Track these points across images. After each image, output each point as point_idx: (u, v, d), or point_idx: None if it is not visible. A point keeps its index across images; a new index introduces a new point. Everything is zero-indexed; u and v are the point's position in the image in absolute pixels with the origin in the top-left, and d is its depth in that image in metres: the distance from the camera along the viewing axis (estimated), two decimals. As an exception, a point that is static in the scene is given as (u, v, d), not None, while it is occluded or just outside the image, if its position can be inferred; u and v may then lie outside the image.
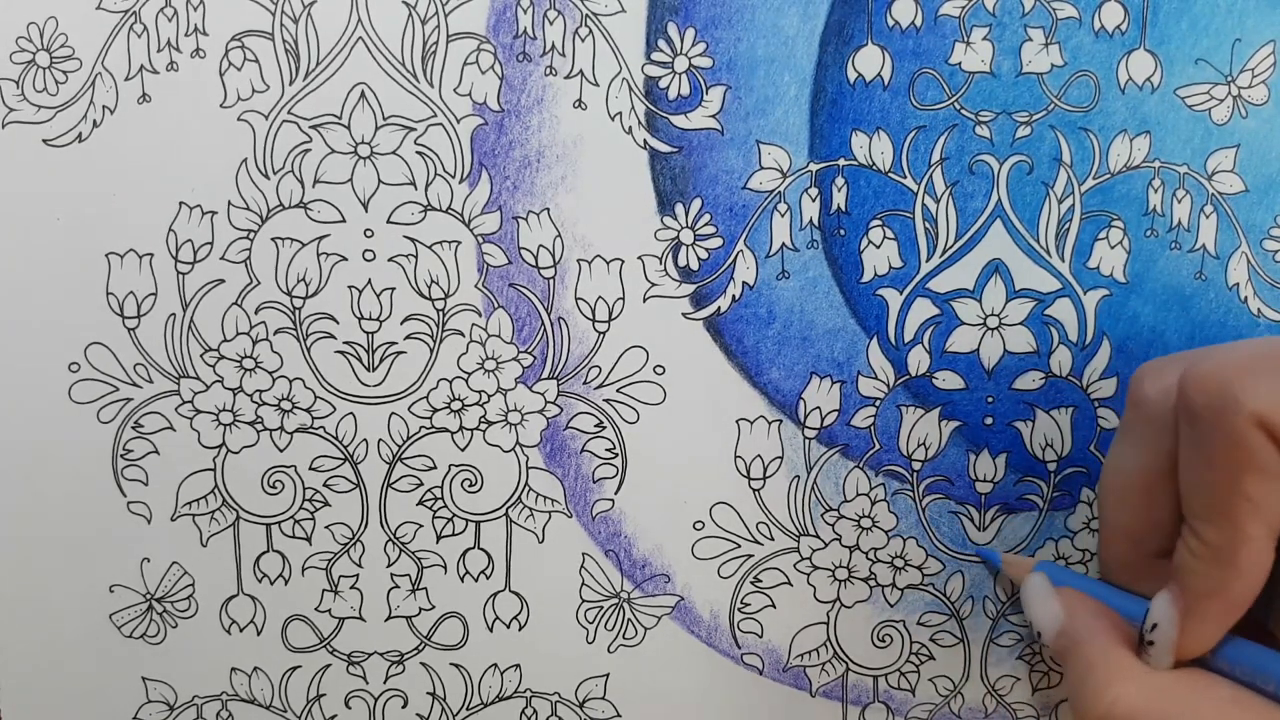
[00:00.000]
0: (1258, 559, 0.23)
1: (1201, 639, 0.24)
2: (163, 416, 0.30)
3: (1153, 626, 0.25)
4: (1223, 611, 0.24)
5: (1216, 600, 0.24)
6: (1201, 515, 0.24)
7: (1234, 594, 0.24)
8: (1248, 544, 0.23)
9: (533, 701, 0.32)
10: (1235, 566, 0.23)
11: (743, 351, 0.30)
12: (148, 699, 0.32)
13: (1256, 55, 0.29)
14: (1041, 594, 0.28)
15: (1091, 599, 0.27)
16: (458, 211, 0.30)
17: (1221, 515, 0.23)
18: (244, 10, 0.29)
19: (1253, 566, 0.23)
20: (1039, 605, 0.28)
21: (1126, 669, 0.25)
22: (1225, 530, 0.23)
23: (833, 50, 0.29)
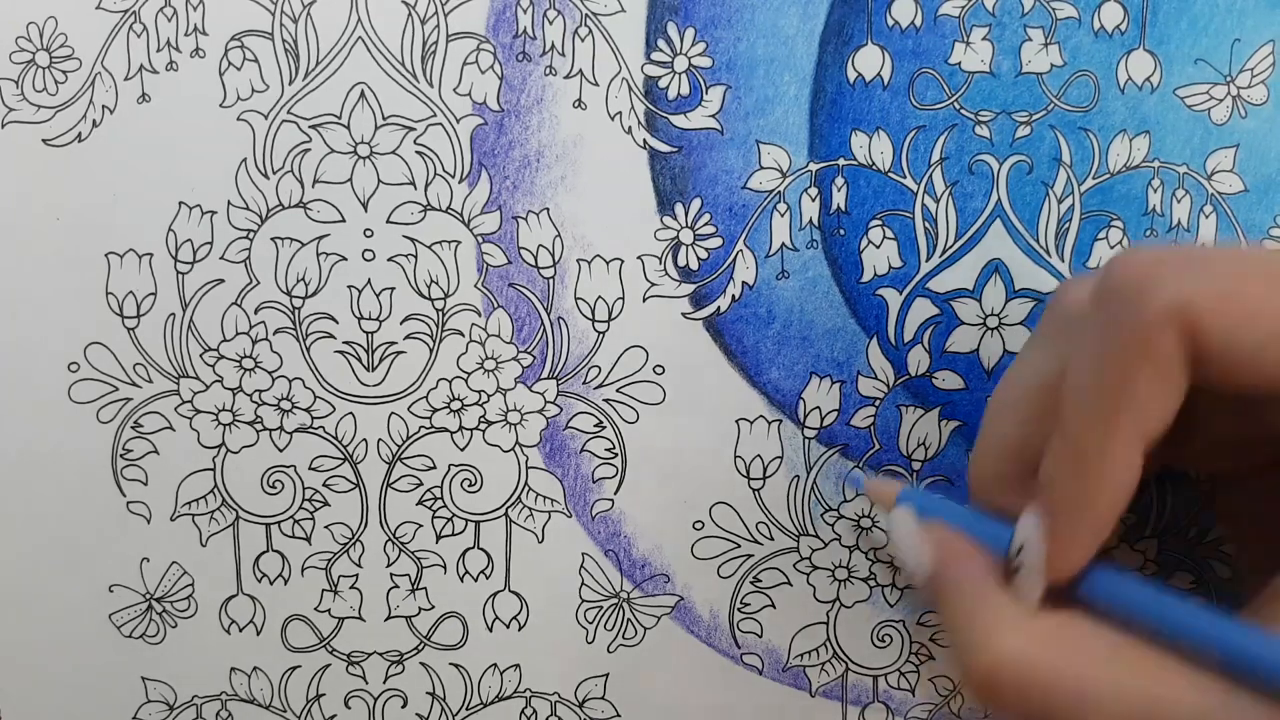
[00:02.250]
0: (1127, 468, 0.21)
1: (1069, 559, 0.23)
2: (162, 416, 0.30)
3: (1019, 549, 0.23)
4: (1090, 525, 0.22)
5: (1082, 512, 0.22)
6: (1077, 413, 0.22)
7: (1101, 505, 0.22)
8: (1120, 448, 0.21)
9: (532, 701, 0.32)
10: (1100, 470, 0.21)
11: (742, 351, 0.30)
12: (147, 699, 0.32)
13: (1256, 55, 0.29)
14: (907, 532, 0.26)
15: (961, 536, 0.25)
16: (457, 211, 0.30)
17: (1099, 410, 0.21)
18: (244, 10, 0.29)
19: (1121, 476, 0.21)
20: (905, 544, 0.26)
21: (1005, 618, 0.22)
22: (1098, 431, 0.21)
23: (832, 50, 0.29)
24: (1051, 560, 0.23)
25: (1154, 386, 0.21)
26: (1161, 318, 0.20)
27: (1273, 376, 0.20)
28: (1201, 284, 0.20)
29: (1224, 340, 0.20)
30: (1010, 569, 0.23)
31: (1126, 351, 0.21)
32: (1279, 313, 0.20)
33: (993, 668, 0.22)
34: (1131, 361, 0.21)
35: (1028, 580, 0.23)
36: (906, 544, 0.26)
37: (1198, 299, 0.20)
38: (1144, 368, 0.21)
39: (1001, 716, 0.23)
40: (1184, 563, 0.31)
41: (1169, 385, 0.21)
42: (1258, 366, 0.20)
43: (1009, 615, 0.23)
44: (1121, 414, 0.21)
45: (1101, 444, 0.21)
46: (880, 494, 0.28)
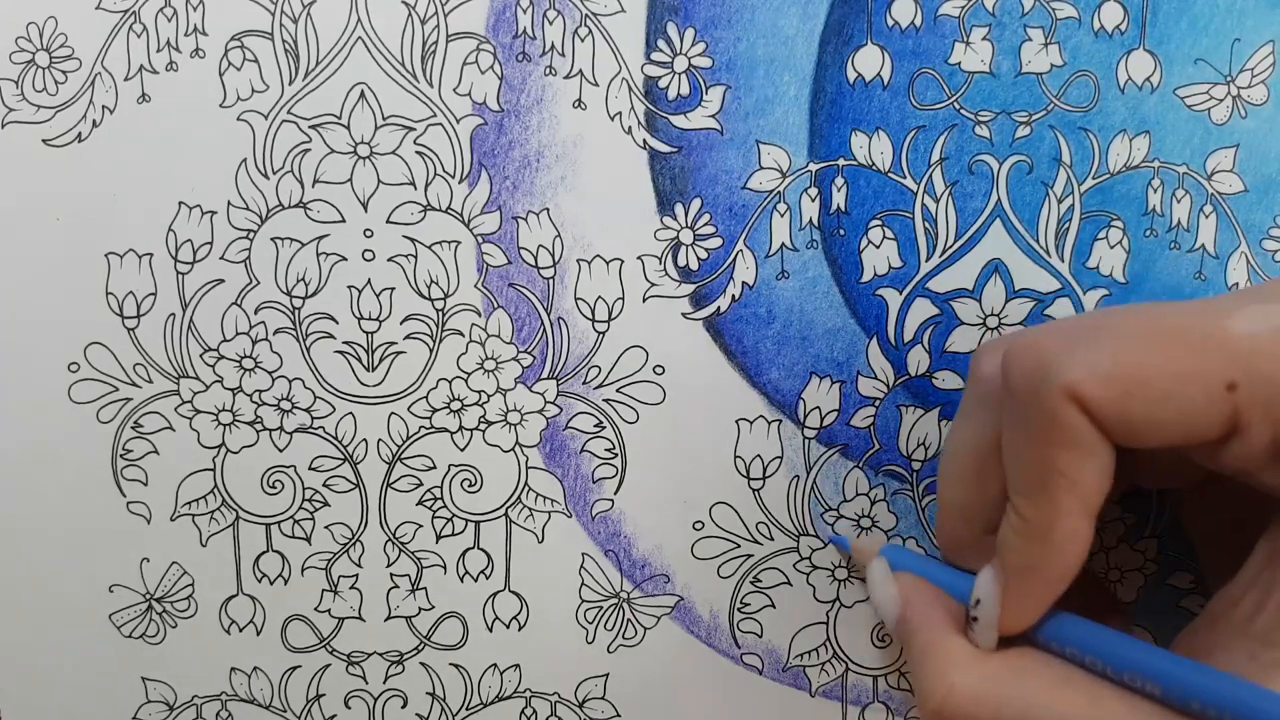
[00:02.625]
0: (1073, 535, 0.23)
1: (1022, 615, 0.24)
2: (162, 416, 0.30)
3: (976, 602, 0.25)
4: (1042, 588, 0.24)
5: (1034, 576, 0.24)
6: (1020, 491, 0.23)
7: (1051, 570, 0.23)
8: (1062, 519, 0.23)
9: (532, 701, 0.32)
10: (1051, 542, 0.23)
11: (742, 351, 0.30)
12: (147, 699, 0.32)
13: (1256, 55, 0.29)
14: (881, 581, 0.28)
15: (928, 585, 0.27)
16: (457, 211, 0.30)
17: (1037, 491, 0.23)
18: (243, 10, 0.29)
19: (1068, 543, 0.23)
20: (879, 592, 0.28)
21: (959, 656, 0.25)
22: (1041, 506, 0.23)
23: (832, 50, 0.29)
24: (1005, 615, 0.24)
25: (1078, 462, 0.22)
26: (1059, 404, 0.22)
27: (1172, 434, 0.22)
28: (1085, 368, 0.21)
29: (1117, 414, 0.21)
30: (969, 619, 0.25)
31: (1042, 438, 0.22)
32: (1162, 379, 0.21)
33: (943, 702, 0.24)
34: (1050, 446, 0.22)
35: (983, 630, 0.25)
36: (879, 591, 0.28)
37: (1084, 382, 0.21)
38: (1062, 449, 0.22)
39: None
40: (1184, 563, 0.31)
41: (1092, 457, 0.22)
42: (1155, 428, 0.21)
43: (962, 654, 0.25)
44: (1056, 488, 0.22)
45: (1047, 519, 0.23)
46: (865, 551, 0.30)
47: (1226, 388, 0.21)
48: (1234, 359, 0.21)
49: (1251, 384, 0.21)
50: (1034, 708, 0.23)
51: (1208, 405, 0.21)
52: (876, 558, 0.29)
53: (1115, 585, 0.31)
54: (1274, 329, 0.21)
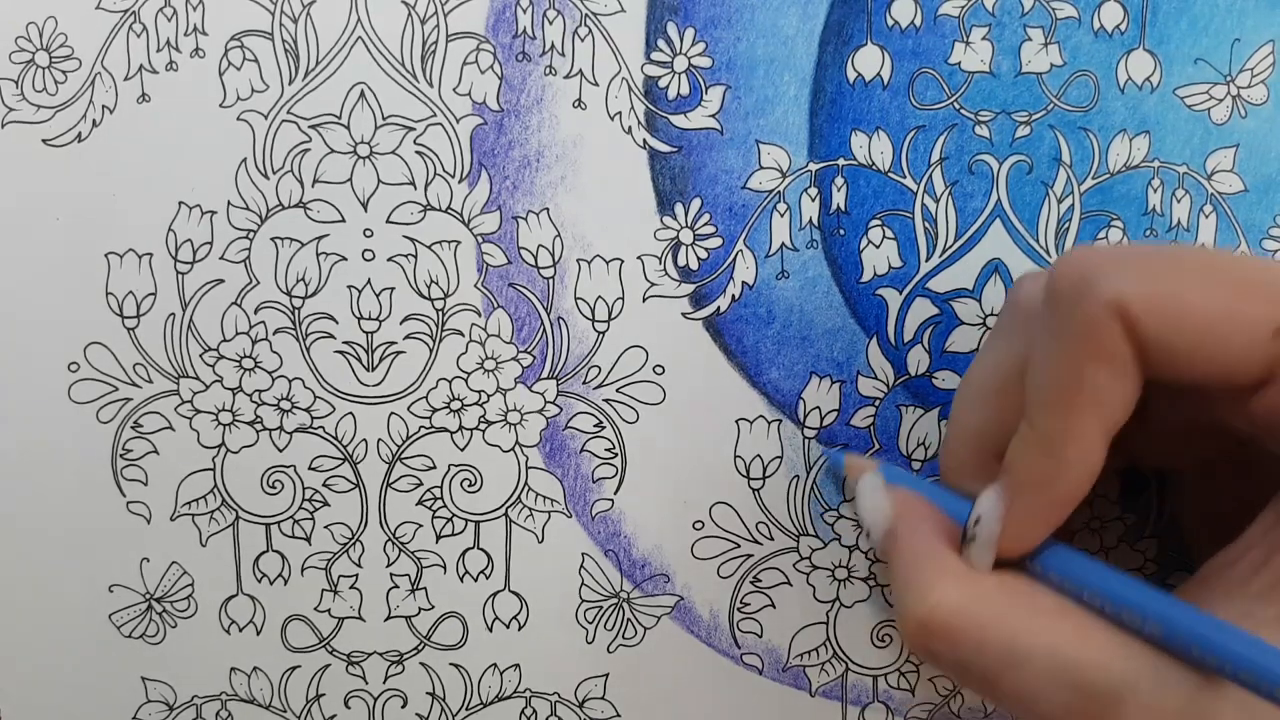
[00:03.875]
0: (1087, 454, 0.22)
1: (1024, 535, 0.24)
2: (162, 416, 0.30)
3: (976, 520, 0.24)
4: (1047, 507, 0.23)
5: (1042, 494, 0.23)
6: (1038, 403, 0.23)
7: (1060, 489, 0.23)
8: (1079, 436, 0.22)
9: (532, 701, 0.32)
10: (1064, 458, 0.22)
11: (742, 351, 0.30)
12: (147, 699, 0.32)
13: (1256, 55, 0.29)
14: (873, 492, 0.27)
15: (923, 500, 0.26)
16: (457, 211, 0.30)
17: (1059, 402, 0.22)
18: (243, 10, 0.29)
19: (1081, 461, 0.22)
20: (869, 503, 0.27)
21: (949, 571, 0.23)
22: (1059, 418, 0.22)
23: (832, 50, 0.29)
24: (1007, 536, 0.24)
25: (1108, 379, 0.21)
26: (1103, 315, 0.21)
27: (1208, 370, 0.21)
28: (1136, 284, 0.21)
29: (1160, 337, 0.21)
30: (965, 539, 0.24)
31: (1077, 348, 0.22)
32: (1210, 311, 0.21)
33: (928, 615, 0.23)
34: (1083, 357, 0.22)
35: (979, 551, 0.24)
36: (869, 502, 0.27)
37: (1133, 298, 0.21)
38: (1095, 362, 0.21)
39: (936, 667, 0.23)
40: (1184, 563, 0.31)
41: (1123, 377, 0.22)
42: (1194, 361, 0.21)
43: (952, 569, 0.23)
44: (1081, 404, 0.22)
45: (1065, 431, 0.22)
46: (858, 468, 0.29)
47: (1274, 332, 0.21)
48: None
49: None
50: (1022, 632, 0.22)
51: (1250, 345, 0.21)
52: (870, 472, 0.28)
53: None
54: None
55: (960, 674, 0.23)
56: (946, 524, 0.25)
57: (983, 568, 0.24)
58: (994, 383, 0.25)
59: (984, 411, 0.26)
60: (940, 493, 0.26)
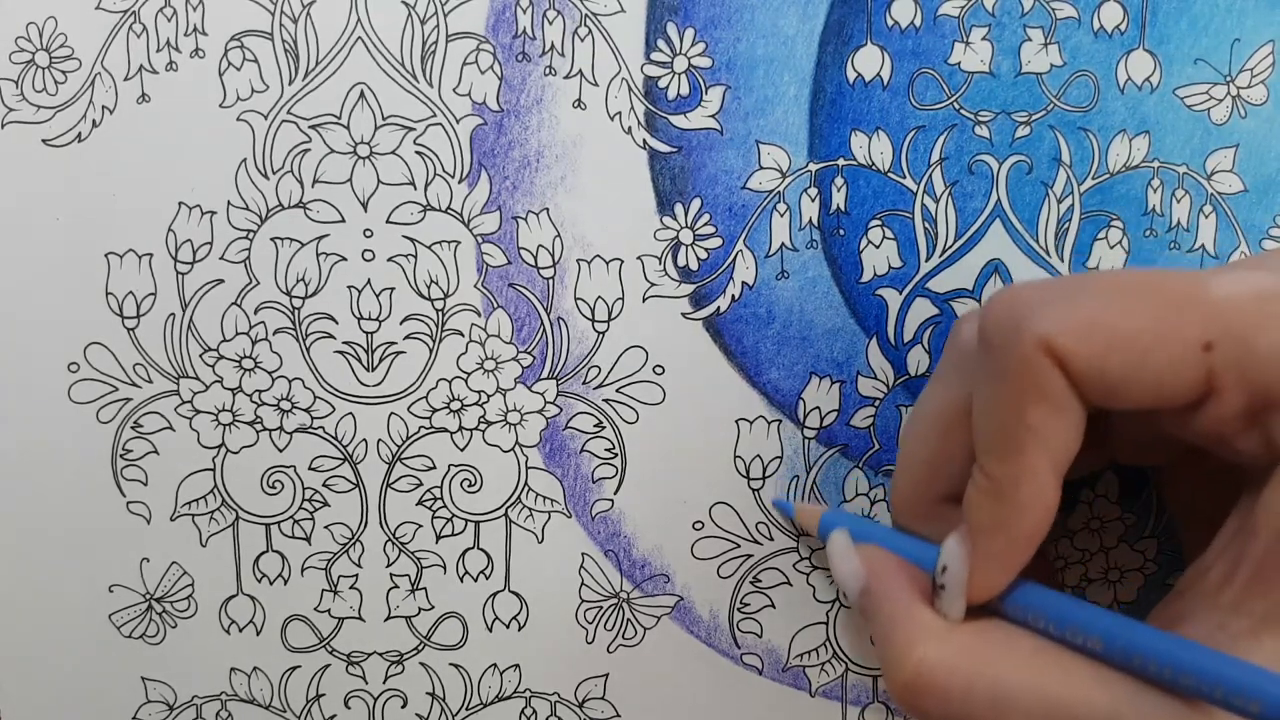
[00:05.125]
0: (1040, 494, 0.22)
1: (990, 580, 0.24)
2: (162, 416, 0.30)
3: (943, 569, 0.24)
4: (1008, 550, 0.23)
5: (1001, 537, 0.23)
6: (987, 448, 0.23)
7: (1018, 531, 0.23)
8: (1029, 477, 0.22)
9: (532, 701, 0.32)
10: (1017, 501, 0.22)
11: (742, 351, 0.30)
12: (147, 699, 0.32)
13: (1256, 55, 0.29)
14: (843, 552, 0.27)
15: (890, 555, 0.26)
16: (457, 211, 0.30)
17: (1005, 446, 0.22)
18: (243, 10, 0.29)
19: (1035, 502, 0.22)
20: (840, 564, 0.27)
21: (928, 627, 0.24)
22: (1008, 462, 0.22)
23: (832, 50, 0.29)
24: (974, 581, 0.24)
25: (1049, 418, 0.22)
26: (1033, 355, 0.21)
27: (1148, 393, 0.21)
28: (1063, 320, 0.21)
29: (1093, 368, 0.21)
30: (936, 587, 0.25)
31: (1014, 391, 0.22)
32: (1139, 336, 0.21)
33: (914, 675, 0.23)
34: (1021, 399, 0.22)
35: (950, 599, 0.24)
36: (841, 563, 0.27)
37: (1061, 334, 0.21)
38: (1034, 403, 0.22)
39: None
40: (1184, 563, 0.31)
41: (1063, 413, 0.22)
42: (1131, 387, 0.21)
43: (930, 626, 0.24)
44: (1027, 446, 0.22)
45: (1015, 475, 0.22)
46: (809, 515, 0.30)
47: (1203, 348, 0.21)
48: (1212, 319, 0.21)
49: (1228, 345, 0.21)
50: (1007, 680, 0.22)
51: (1184, 365, 0.21)
52: (838, 530, 0.28)
53: (1115, 585, 0.31)
54: (1254, 292, 0.21)
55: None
56: (916, 575, 0.26)
57: (956, 616, 0.24)
58: (938, 425, 0.26)
59: (929, 453, 0.26)
60: (904, 542, 0.27)
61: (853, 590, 0.26)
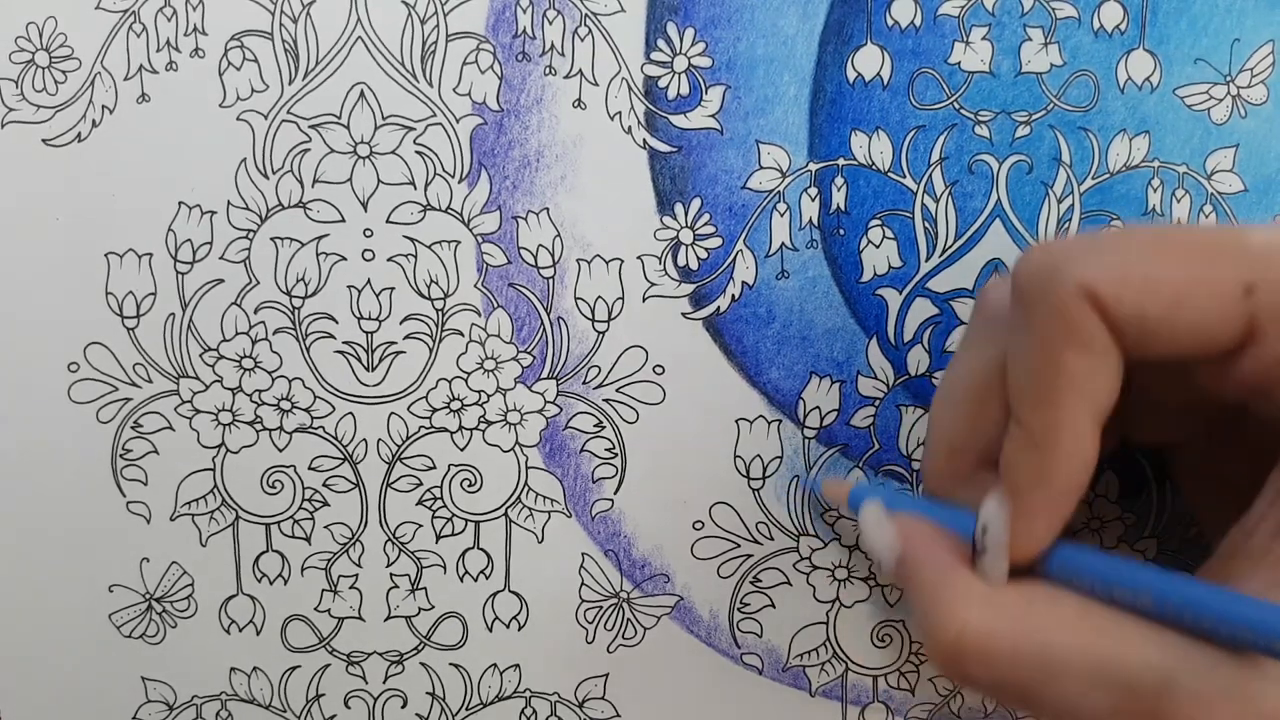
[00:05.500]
0: (1079, 445, 0.22)
1: (1032, 537, 0.23)
2: (162, 416, 0.30)
3: (983, 530, 0.24)
4: (1049, 504, 0.23)
5: (1042, 491, 0.23)
6: (1024, 400, 0.23)
7: (1059, 482, 0.22)
8: (1068, 427, 0.22)
9: (532, 701, 0.32)
10: (1056, 452, 0.22)
11: (742, 351, 0.30)
12: (147, 699, 0.32)
13: (1255, 55, 0.29)
14: (877, 522, 0.26)
15: (927, 523, 0.26)
16: (457, 211, 0.30)
17: (1043, 395, 0.22)
18: (243, 10, 0.29)
19: (1074, 452, 0.22)
20: (875, 536, 0.26)
21: (969, 593, 0.23)
22: (1046, 413, 0.22)
23: (832, 50, 0.29)
24: (1015, 539, 0.23)
25: (1088, 365, 0.21)
26: (1073, 301, 0.21)
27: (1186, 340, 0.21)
28: (1102, 266, 0.21)
29: (1133, 314, 0.21)
30: (976, 551, 0.24)
31: (1053, 339, 0.22)
32: (1178, 280, 0.21)
33: (957, 641, 0.22)
34: (1060, 346, 0.21)
35: (993, 561, 0.23)
36: (876, 534, 0.26)
37: (1100, 280, 0.21)
38: (1073, 350, 0.21)
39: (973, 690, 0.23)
40: (1184, 563, 0.31)
41: (1103, 361, 0.21)
42: (1170, 333, 0.21)
43: (972, 590, 0.23)
44: (1066, 394, 0.22)
45: (1054, 424, 0.22)
46: (836, 489, 0.29)
47: (1244, 291, 0.21)
48: (1253, 263, 0.21)
49: (1270, 289, 0.21)
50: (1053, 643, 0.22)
51: (1225, 308, 0.21)
52: (871, 500, 0.27)
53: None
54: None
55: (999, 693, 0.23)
56: (954, 541, 0.25)
57: (998, 579, 0.24)
58: (970, 391, 0.25)
59: (962, 420, 0.26)
60: (939, 509, 0.26)
61: (889, 561, 0.26)
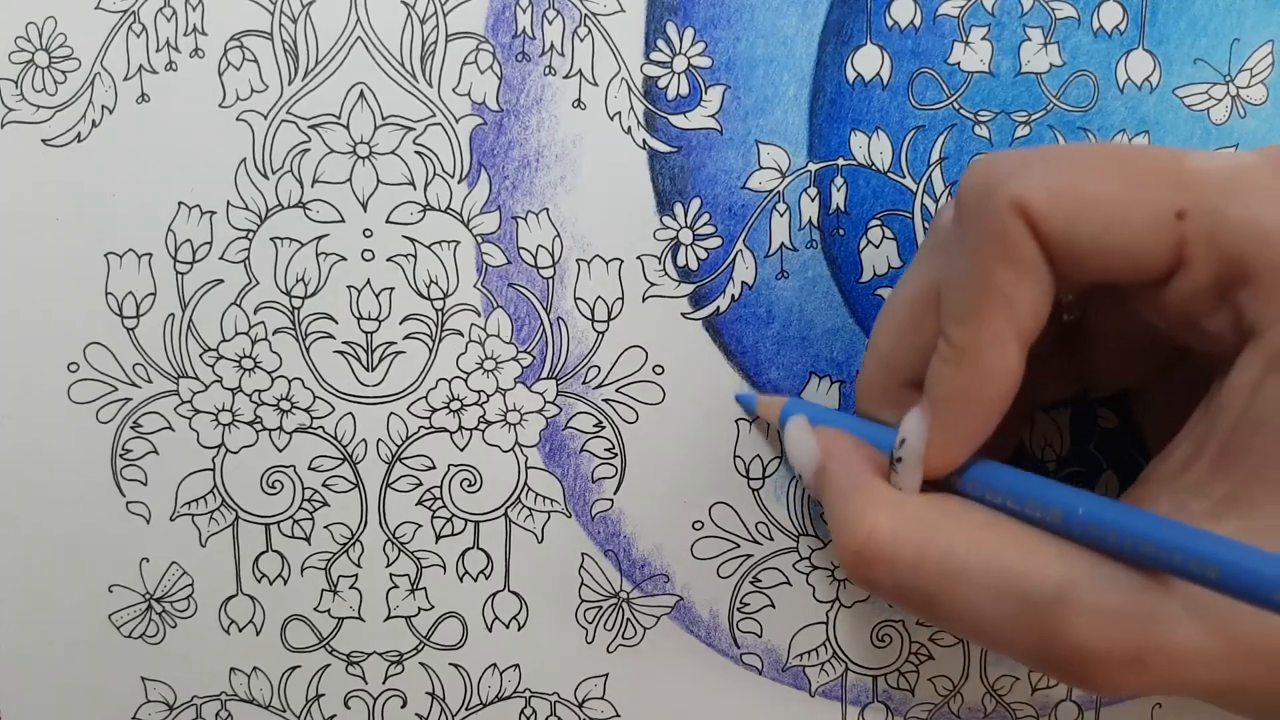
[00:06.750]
0: (1002, 362, 0.22)
1: (948, 452, 0.23)
2: (162, 416, 0.30)
3: (901, 442, 0.24)
4: (969, 420, 0.23)
5: (962, 407, 0.23)
6: (951, 315, 0.22)
7: (979, 400, 0.22)
8: (993, 342, 0.22)
9: (532, 701, 0.32)
10: (979, 368, 0.22)
11: (742, 351, 0.30)
12: (147, 699, 0.32)
13: (1255, 55, 0.29)
14: (799, 435, 0.27)
15: (848, 435, 0.26)
16: (457, 211, 0.30)
17: (971, 310, 0.22)
18: (243, 10, 0.29)
19: (997, 369, 0.22)
20: (797, 446, 0.26)
21: (880, 497, 0.23)
22: (971, 328, 0.22)
23: (832, 50, 0.29)
24: (932, 452, 0.23)
25: (1016, 281, 0.21)
26: (1006, 216, 0.21)
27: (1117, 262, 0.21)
28: (1038, 182, 0.21)
29: (1064, 232, 0.21)
30: (892, 463, 0.24)
31: (984, 253, 0.21)
32: (1112, 201, 0.21)
33: (864, 544, 0.22)
34: (990, 262, 0.21)
35: (907, 472, 0.24)
36: (798, 445, 0.26)
37: (1034, 196, 0.21)
38: (1002, 265, 0.21)
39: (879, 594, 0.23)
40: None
41: (1031, 278, 0.21)
42: (1101, 254, 0.21)
43: (883, 496, 0.23)
44: (992, 310, 0.22)
45: (978, 340, 0.22)
46: (770, 406, 0.29)
47: (1175, 215, 0.20)
48: (1187, 187, 0.21)
49: (1200, 214, 0.20)
50: (958, 550, 0.22)
51: (1156, 231, 0.20)
52: (796, 415, 0.27)
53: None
54: (1230, 165, 0.21)
55: (901, 599, 0.23)
56: (873, 455, 0.25)
57: (911, 489, 0.24)
58: (908, 308, 0.25)
59: (898, 338, 0.26)
60: (864, 425, 0.26)
61: (809, 471, 0.26)
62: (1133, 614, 0.20)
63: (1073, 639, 0.20)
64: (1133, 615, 0.20)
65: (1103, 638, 0.20)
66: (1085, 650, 0.20)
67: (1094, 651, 0.20)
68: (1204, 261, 0.21)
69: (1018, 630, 0.21)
